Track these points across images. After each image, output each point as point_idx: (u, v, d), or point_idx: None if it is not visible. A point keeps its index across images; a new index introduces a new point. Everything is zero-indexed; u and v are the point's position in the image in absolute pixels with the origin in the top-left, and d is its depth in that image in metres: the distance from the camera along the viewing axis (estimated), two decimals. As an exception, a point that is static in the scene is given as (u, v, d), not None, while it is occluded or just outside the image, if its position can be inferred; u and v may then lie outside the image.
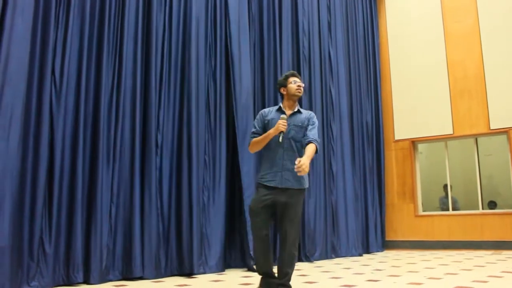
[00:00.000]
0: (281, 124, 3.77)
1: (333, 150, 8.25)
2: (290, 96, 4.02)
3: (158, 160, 5.64)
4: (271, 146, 3.91)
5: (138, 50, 5.61)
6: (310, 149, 3.79)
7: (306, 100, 7.86)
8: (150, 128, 5.57)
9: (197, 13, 6.40)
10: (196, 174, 5.95)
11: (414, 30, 10.00)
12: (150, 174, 5.47)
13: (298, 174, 3.58)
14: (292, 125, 3.92)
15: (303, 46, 8.05)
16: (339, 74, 8.77)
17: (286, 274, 3.79)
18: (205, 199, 6.09)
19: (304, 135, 3.95)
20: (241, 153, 6.39)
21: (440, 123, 9.39)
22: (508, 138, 8.69)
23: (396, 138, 9.90)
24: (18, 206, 4.34)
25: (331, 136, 8.30)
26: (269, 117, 4.01)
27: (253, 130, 4.07)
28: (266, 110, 4.13)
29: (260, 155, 4.36)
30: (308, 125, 3.99)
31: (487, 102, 8.92)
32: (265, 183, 3.88)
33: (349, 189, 8.43)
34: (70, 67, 4.97)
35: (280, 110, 4.02)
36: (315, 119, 4.06)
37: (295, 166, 3.57)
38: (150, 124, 5.58)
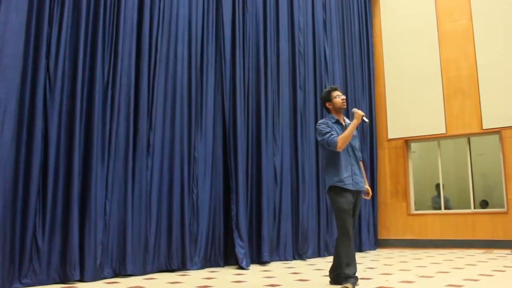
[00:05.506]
0: (359, 113, 4.23)
1: (327, 149, 8.24)
2: (337, 109, 4.44)
3: (149, 157, 5.63)
4: (339, 154, 4.27)
5: (133, 46, 5.57)
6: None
7: (301, 97, 7.87)
8: (143, 125, 5.56)
9: (191, 10, 6.40)
10: (187, 172, 6.01)
11: (408, 30, 10.02)
12: (141, 172, 5.47)
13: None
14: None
15: (299, 43, 8.05)
16: (334, 71, 8.78)
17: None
18: (194, 197, 6.09)
19: (359, 144, 4.53)
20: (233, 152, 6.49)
21: (433, 122, 9.43)
22: (501, 138, 8.74)
23: (389, 137, 9.93)
24: (11, 202, 4.31)
25: (325, 135, 8.29)
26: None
27: (329, 131, 4.27)
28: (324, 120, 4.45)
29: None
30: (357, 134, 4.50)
31: (480, 102, 8.97)
32: (344, 187, 4.22)
33: (343, 187, 8.42)
34: (64, 62, 4.93)
35: (338, 123, 4.40)
36: None
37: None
38: (142, 121, 5.56)
